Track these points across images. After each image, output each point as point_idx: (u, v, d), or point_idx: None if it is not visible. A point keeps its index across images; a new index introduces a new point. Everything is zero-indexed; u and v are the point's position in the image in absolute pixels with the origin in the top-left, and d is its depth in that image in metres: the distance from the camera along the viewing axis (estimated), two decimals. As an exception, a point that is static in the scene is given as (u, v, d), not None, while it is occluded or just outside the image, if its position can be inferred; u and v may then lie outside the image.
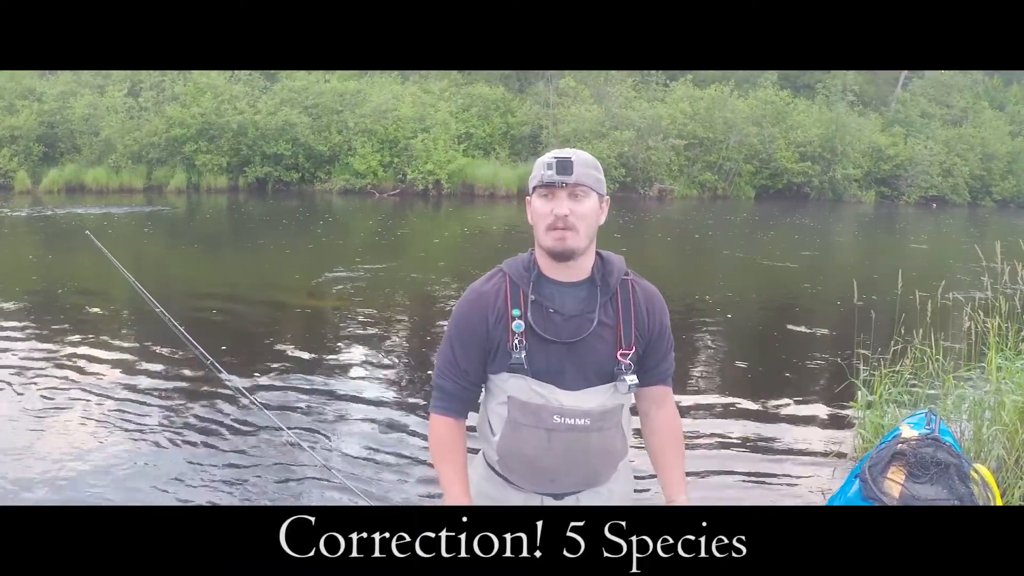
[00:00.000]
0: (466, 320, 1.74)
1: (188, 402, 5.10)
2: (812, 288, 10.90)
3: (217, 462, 4.22)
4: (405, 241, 15.17)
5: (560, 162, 1.63)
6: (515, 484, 1.79)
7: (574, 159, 1.64)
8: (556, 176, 1.62)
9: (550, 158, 1.65)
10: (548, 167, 1.63)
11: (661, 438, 1.86)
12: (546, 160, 1.65)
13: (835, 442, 4.71)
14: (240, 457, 4.30)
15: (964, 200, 31.61)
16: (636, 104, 26.37)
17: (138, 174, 22.44)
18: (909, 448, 2.88)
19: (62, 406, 4.96)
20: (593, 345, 1.70)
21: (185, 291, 9.13)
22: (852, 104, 31.32)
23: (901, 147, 30.39)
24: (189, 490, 3.90)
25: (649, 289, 1.82)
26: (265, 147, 22.79)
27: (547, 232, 1.66)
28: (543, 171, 1.64)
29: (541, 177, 1.65)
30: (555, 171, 1.62)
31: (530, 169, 1.74)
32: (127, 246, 12.83)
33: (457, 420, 1.79)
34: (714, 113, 26.80)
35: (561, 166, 1.62)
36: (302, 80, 24.53)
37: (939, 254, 15.06)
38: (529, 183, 1.73)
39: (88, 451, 4.30)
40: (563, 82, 27.10)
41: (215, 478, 4.04)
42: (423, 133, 23.75)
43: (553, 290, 1.72)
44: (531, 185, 1.70)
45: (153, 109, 23.01)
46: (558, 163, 1.62)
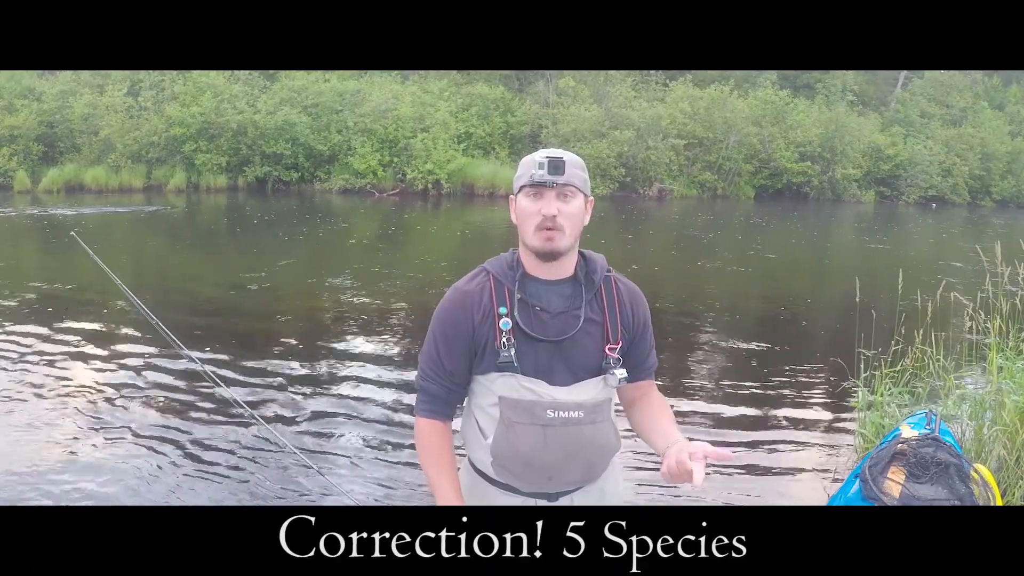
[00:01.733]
0: (451, 319, 1.73)
1: (187, 404, 5.10)
2: (812, 288, 10.91)
3: (216, 464, 4.22)
4: (405, 241, 15.17)
5: (552, 162, 1.62)
6: (507, 488, 1.77)
7: (565, 159, 1.64)
8: (548, 176, 1.62)
9: (541, 157, 1.64)
10: (539, 167, 1.63)
11: (654, 410, 1.81)
12: (537, 160, 1.64)
13: (835, 442, 4.72)
14: (239, 459, 4.30)
15: (964, 200, 31.64)
16: (635, 104, 26.38)
17: (137, 173, 22.42)
18: (909, 448, 2.88)
19: (59, 408, 4.95)
20: (581, 342, 1.71)
21: (184, 291, 9.13)
22: (852, 104, 31.38)
23: (900, 147, 30.42)
24: (188, 493, 3.89)
25: (631, 286, 1.83)
26: (265, 147, 22.79)
27: (535, 232, 1.66)
28: (533, 170, 1.64)
29: (531, 176, 1.64)
30: (547, 171, 1.62)
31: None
32: (126, 246, 12.84)
33: (444, 422, 1.78)
34: (714, 113, 26.82)
35: (553, 166, 1.62)
36: (302, 80, 24.52)
37: (939, 254, 15.06)
38: (514, 182, 1.72)
39: (85, 453, 4.29)
40: (562, 82, 27.11)
41: (213, 480, 4.03)
42: (423, 133, 23.74)
43: (538, 288, 1.72)
44: (517, 184, 1.70)
45: (153, 108, 22.99)
46: (550, 163, 1.62)
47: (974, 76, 36.15)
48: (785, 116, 28.43)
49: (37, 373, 5.61)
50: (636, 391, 1.86)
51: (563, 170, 1.63)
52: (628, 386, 1.80)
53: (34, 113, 22.59)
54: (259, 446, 4.44)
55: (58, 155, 22.85)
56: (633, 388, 1.84)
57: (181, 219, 17.40)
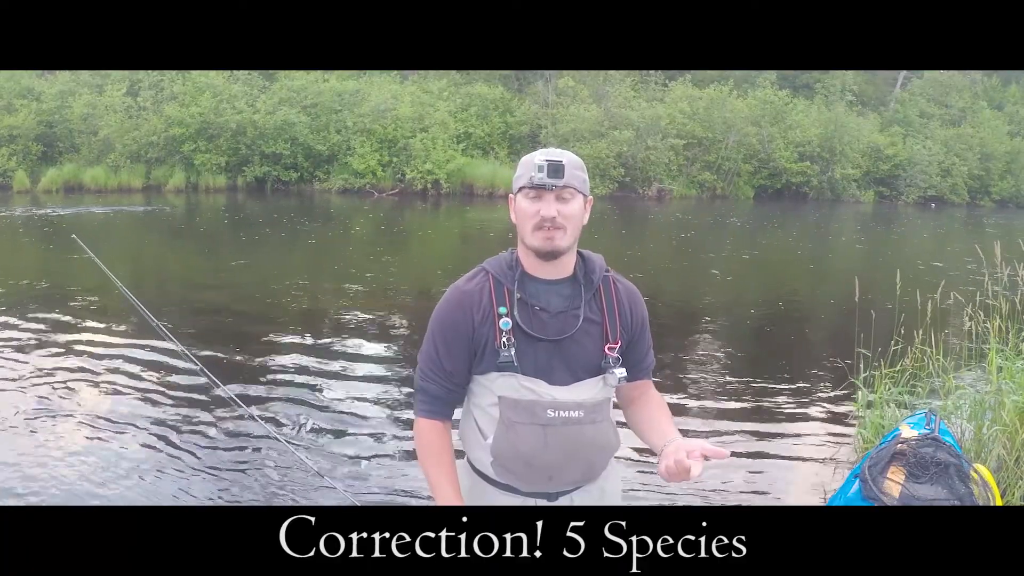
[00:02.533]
0: (450, 319, 1.73)
1: (186, 404, 5.09)
2: (811, 288, 10.91)
3: (216, 465, 4.21)
4: (404, 241, 15.17)
5: (552, 165, 1.63)
6: (507, 488, 1.77)
7: (565, 162, 1.64)
8: (547, 179, 1.63)
9: (540, 160, 1.64)
10: (539, 170, 1.63)
11: (652, 409, 1.83)
12: (536, 162, 1.64)
13: (835, 442, 4.72)
14: (239, 460, 4.30)
15: (963, 200, 31.66)
16: (635, 104, 26.38)
17: (137, 173, 22.42)
18: (909, 448, 2.88)
19: (57, 409, 4.95)
20: (580, 341, 1.71)
21: (183, 292, 9.13)
22: (851, 104, 31.38)
23: (900, 147, 30.44)
24: (188, 493, 3.89)
25: (629, 286, 1.83)
26: (264, 146, 22.79)
27: (534, 232, 1.66)
28: (533, 173, 1.64)
29: (531, 179, 1.64)
30: (546, 174, 1.62)
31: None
32: (125, 246, 12.84)
33: (443, 423, 1.78)
34: (713, 113, 26.82)
35: (553, 169, 1.63)
36: (301, 80, 24.52)
37: (938, 254, 15.06)
38: (514, 182, 1.72)
39: (83, 454, 4.28)
40: (562, 82, 27.10)
41: (213, 480, 4.03)
42: (422, 133, 23.74)
43: (538, 288, 1.72)
44: (517, 185, 1.70)
45: (152, 108, 22.98)
46: (550, 166, 1.63)
47: (973, 76, 36.16)
48: (784, 116, 28.45)
49: (35, 374, 5.60)
50: (634, 391, 1.86)
51: (562, 173, 1.63)
52: (626, 386, 1.80)
53: (33, 113, 22.60)
54: (259, 446, 4.44)
55: (57, 155, 22.86)
56: (631, 388, 1.85)
57: (180, 219, 17.39)
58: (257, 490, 3.92)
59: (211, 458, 4.27)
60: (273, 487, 3.96)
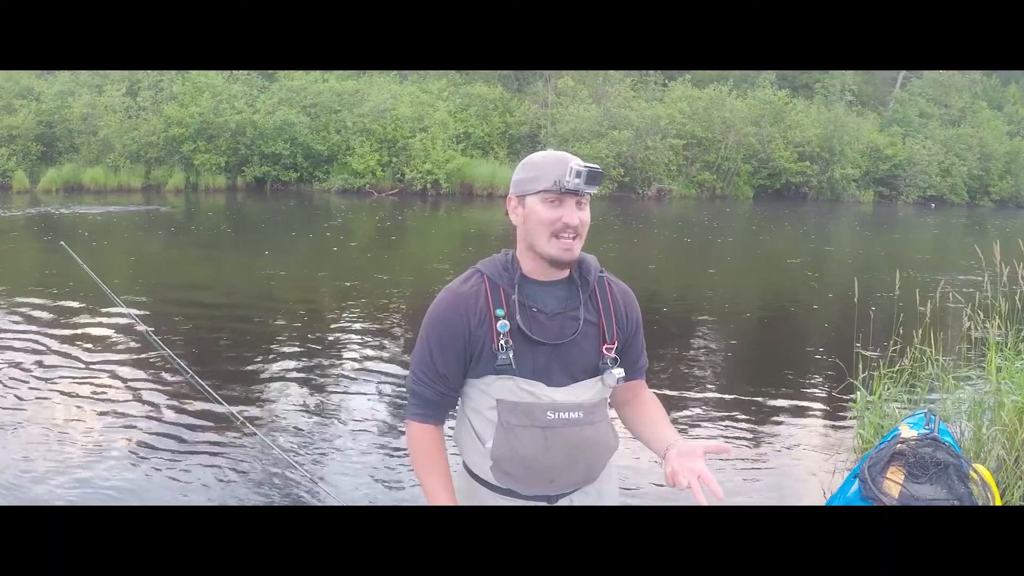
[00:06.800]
0: (445, 322, 1.69)
1: (181, 408, 5.07)
2: (811, 288, 10.91)
3: (212, 467, 4.21)
4: (403, 241, 15.17)
5: (591, 172, 1.58)
6: (507, 493, 1.77)
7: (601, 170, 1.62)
8: (584, 186, 1.58)
9: (579, 166, 1.58)
10: (576, 175, 1.57)
11: (648, 410, 1.84)
12: (573, 167, 1.58)
13: (834, 442, 4.72)
14: (234, 461, 4.29)
15: (962, 200, 31.70)
16: (634, 104, 26.42)
17: (136, 173, 22.42)
18: (908, 448, 2.88)
19: (49, 410, 4.93)
20: (579, 343, 1.70)
21: (182, 291, 9.12)
22: (850, 104, 31.43)
23: (899, 147, 30.49)
24: (184, 494, 3.89)
25: (623, 287, 1.82)
26: (263, 147, 22.79)
27: (552, 240, 1.62)
28: (567, 177, 1.58)
29: (560, 183, 1.59)
30: (584, 180, 1.57)
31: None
32: (125, 246, 12.83)
33: (437, 427, 1.77)
34: (712, 113, 26.86)
35: (592, 176, 1.58)
36: (300, 80, 24.54)
37: (938, 254, 15.07)
38: (524, 183, 1.67)
39: (78, 455, 4.27)
40: (561, 82, 27.13)
41: (209, 481, 4.02)
42: (421, 133, 23.76)
43: (533, 289, 1.70)
44: (534, 186, 1.64)
45: (151, 109, 22.99)
46: (589, 173, 1.57)
47: (973, 76, 36.19)
48: (784, 116, 28.49)
49: (31, 374, 5.59)
50: (628, 392, 1.86)
51: (599, 181, 1.60)
52: (621, 386, 1.79)
53: (33, 113, 22.59)
54: (254, 445, 4.43)
55: (57, 155, 22.84)
56: (625, 389, 1.84)
57: (179, 219, 17.38)
58: (253, 491, 3.92)
59: (207, 460, 4.26)
60: (269, 488, 3.95)
